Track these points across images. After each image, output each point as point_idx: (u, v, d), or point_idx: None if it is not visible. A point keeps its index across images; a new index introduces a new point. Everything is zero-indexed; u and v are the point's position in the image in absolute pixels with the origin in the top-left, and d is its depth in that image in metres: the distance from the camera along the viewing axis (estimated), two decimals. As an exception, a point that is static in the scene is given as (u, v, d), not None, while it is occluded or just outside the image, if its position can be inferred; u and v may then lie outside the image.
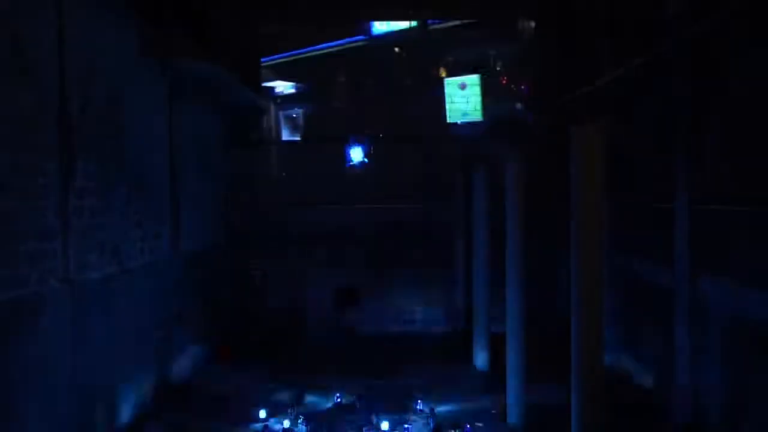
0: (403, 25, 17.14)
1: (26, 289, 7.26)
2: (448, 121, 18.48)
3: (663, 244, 10.88)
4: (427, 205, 17.24)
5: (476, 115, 18.21)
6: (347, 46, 18.40)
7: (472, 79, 18.10)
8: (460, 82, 17.96)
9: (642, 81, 12.09)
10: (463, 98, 18.19)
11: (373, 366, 14.06)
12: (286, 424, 10.40)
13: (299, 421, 10.51)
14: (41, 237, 7.63)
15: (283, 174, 18.74)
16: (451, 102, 18.35)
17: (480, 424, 10.45)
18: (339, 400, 11.60)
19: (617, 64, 12.98)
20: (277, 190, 17.54)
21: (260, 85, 17.36)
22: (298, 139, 21.08)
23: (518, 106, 17.99)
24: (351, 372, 13.54)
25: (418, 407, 11.12)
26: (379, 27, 15.95)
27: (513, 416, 10.50)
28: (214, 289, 15.48)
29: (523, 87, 18.69)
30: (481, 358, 13.73)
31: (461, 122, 18.74)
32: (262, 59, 17.58)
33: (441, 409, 11.18)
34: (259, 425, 10.48)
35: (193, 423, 10.79)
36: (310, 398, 11.93)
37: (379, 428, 10.19)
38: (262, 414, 10.74)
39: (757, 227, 8.53)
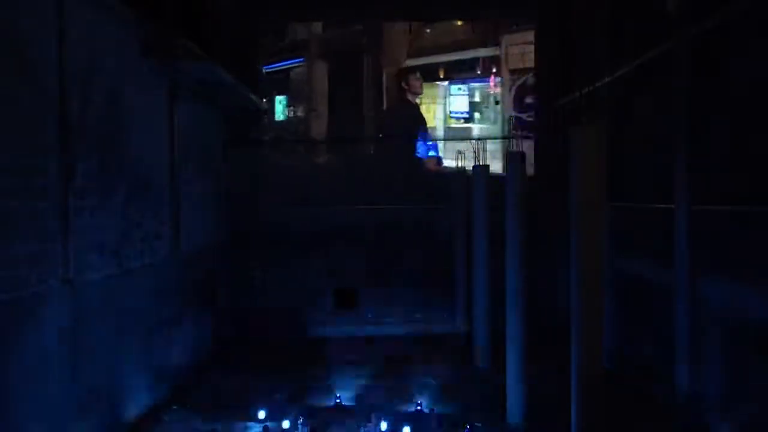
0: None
1: (26, 290, 7.26)
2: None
3: (663, 244, 10.88)
4: (427, 204, 17.25)
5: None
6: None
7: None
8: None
9: (642, 80, 12.10)
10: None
11: (372, 366, 14.08)
12: (286, 424, 10.39)
13: (299, 422, 10.51)
14: (41, 238, 7.63)
15: (283, 174, 18.73)
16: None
17: (480, 424, 10.45)
18: (339, 400, 11.59)
19: (617, 65, 12.99)
20: (277, 190, 17.54)
21: (260, 85, 17.43)
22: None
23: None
24: (351, 372, 13.56)
25: (417, 407, 11.12)
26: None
27: (513, 416, 10.50)
28: (215, 290, 15.48)
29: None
30: (481, 358, 13.74)
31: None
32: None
33: (441, 409, 11.18)
34: (258, 425, 10.47)
35: (194, 421, 10.80)
36: (309, 398, 11.93)
37: (379, 428, 10.19)
38: (262, 414, 10.73)
39: (758, 227, 8.53)
